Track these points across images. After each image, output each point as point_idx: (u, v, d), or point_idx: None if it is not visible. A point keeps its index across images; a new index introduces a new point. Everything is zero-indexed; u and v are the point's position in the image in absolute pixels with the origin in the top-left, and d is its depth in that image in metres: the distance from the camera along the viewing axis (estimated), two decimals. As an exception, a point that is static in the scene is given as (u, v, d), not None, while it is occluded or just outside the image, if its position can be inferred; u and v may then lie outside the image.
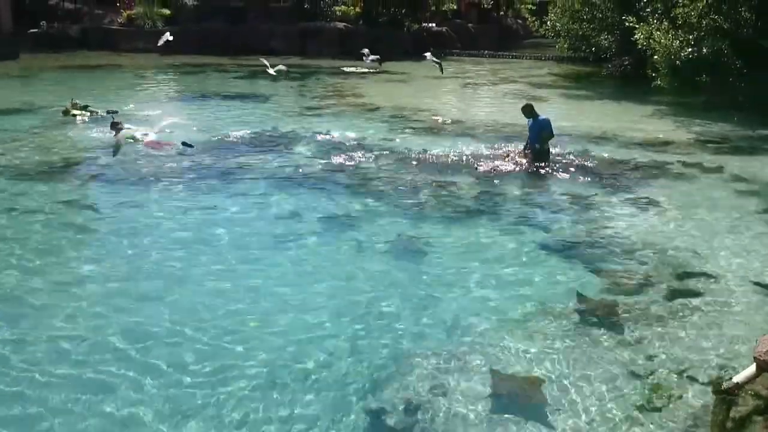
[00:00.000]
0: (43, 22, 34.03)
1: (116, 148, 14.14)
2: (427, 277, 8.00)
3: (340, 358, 6.21)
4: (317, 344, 6.45)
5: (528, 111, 13.23)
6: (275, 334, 6.63)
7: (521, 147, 13.56)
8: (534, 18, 34.88)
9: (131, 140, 14.36)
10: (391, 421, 5.34)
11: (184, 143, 14.05)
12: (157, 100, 21.11)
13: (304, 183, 11.69)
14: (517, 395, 5.63)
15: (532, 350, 6.34)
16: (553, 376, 5.93)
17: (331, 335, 6.63)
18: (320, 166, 12.74)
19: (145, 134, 14.74)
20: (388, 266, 8.28)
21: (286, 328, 6.73)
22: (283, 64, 22.79)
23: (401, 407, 5.48)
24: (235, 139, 14.85)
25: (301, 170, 12.46)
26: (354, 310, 7.13)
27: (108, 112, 16.44)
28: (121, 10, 35.89)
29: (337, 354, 6.29)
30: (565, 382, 5.85)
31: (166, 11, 35.33)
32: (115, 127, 14.67)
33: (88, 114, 16.80)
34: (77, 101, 17.28)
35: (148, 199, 10.71)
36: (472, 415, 5.39)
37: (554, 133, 13.12)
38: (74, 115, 16.62)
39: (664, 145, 15.21)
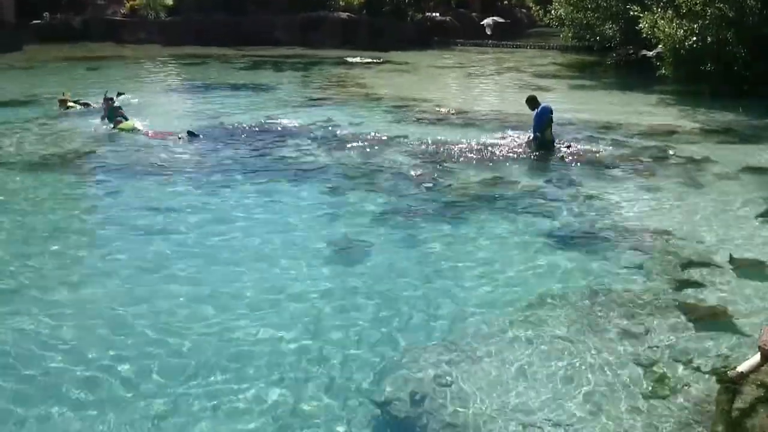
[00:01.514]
0: (46, 13, 33.95)
1: (106, 116, 14.65)
2: (429, 266, 7.99)
3: (346, 349, 6.23)
4: (322, 334, 6.48)
5: (532, 103, 13.33)
6: (276, 324, 6.66)
7: (525, 136, 13.56)
8: (538, 7, 34.65)
9: (131, 131, 14.35)
10: (397, 411, 5.36)
11: (189, 132, 14.08)
12: (160, 91, 21.13)
13: (307, 173, 11.68)
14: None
15: (536, 340, 6.35)
16: (558, 365, 5.94)
17: (337, 326, 6.65)
18: (323, 157, 12.73)
19: (146, 124, 14.75)
20: (391, 256, 8.27)
21: (290, 318, 6.76)
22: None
23: (406, 397, 5.50)
24: (237, 130, 14.84)
25: (304, 161, 12.46)
26: (357, 300, 7.14)
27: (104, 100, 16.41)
28: (124, 1, 35.78)
29: (343, 344, 6.31)
30: (570, 370, 5.86)
31: (169, 1, 35.23)
32: (107, 101, 14.83)
33: (81, 106, 16.77)
34: (69, 94, 17.24)
35: (151, 190, 10.72)
36: (477, 403, 5.41)
37: (559, 122, 13.15)
38: (69, 107, 16.59)
39: (669, 134, 15.15)
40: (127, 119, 14.75)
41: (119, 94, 16.76)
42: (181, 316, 6.77)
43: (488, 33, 22.55)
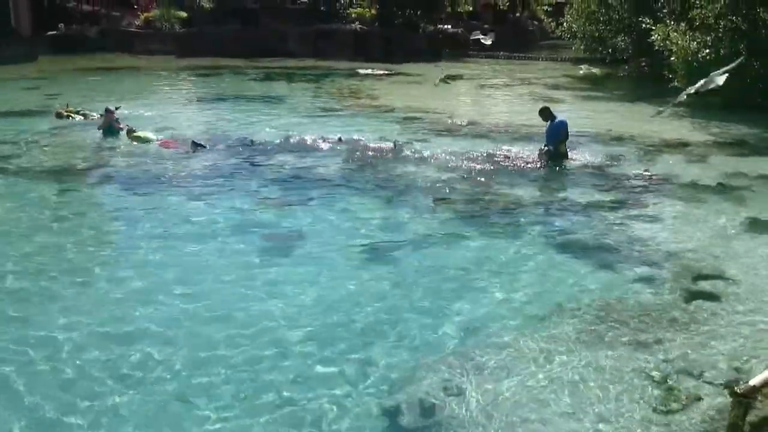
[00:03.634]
0: (62, 24, 34.33)
1: (103, 129, 14.95)
2: (439, 277, 7.98)
3: (354, 360, 6.22)
4: (331, 343, 6.47)
5: (545, 114, 13.29)
6: (281, 331, 6.67)
7: (537, 148, 13.54)
8: (550, 19, 34.72)
9: (145, 141, 14.42)
10: (407, 421, 5.34)
11: (194, 143, 14.16)
12: (173, 102, 21.27)
13: (319, 184, 11.71)
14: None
15: (547, 352, 6.31)
16: (569, 379, 5.90)
17: (346, 336, 6.64)
18: (334, 168, 12.76)
19: (159, 135, 14.83)
20: (400, 267, 8.27)
21: (297, 326, 6.77)
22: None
23: (416, 407, 5.48)
24: (249, 141, 14.88)
25: (315, 171, 12.49)
26: (366, 311, 7.13)
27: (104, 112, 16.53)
28: (139, 13, 36.16)
29: (351, 355, 6.30)
30: (581, 384, 5.82)
31: (183, 14, 35.58)
32: (109, 114, 15.05)
33: (82, 117, 16.89)
34: (71, 108, 17.37)
35: (161, 200, 10.76)
36: (487, 415, 5.38)
37: (571, 134, 13.18)
38: (68, 117, 16.71)
39: (682, 146, 15.10)
40: (126, 130, 14.74)
41: (117, 108, 16.76)
42: (193, 317, 6.80)
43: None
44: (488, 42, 22.43)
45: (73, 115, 16.88)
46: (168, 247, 8.81)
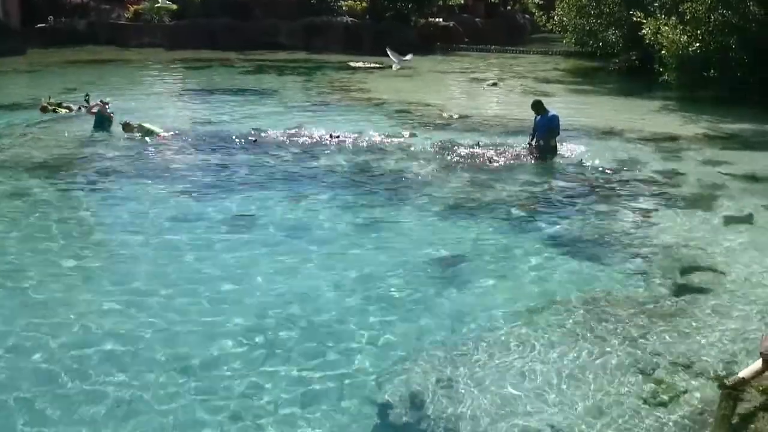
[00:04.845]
0: (51, 17, 34.07)
1: (95, 120, 14.99)
2: (431, 270, 7.99)
3: (345, 352, 6.23)
4: (321, 337, 6.48)
5: (537, 107, 13.31)
6: (270, 325, 6.67)
7: (527, 142, 13.55)
8: (541, 13, 34.67)
9: (146, 134, 14.31)
10: (397, 415, 5.35)
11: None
12: (162, 95, 21.14)
13: (310, 177, 11.69)
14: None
15: (538, 345, 6.34)
16: (559, 371, 5.93)
17: (337, 330, 6.65)
18: (324, 161, 12.73)
19: (160, 129, 14.76)
20: (392, 260, 8.26)
21: (284, 321, 6.76)
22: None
23: (407, 400, 5.49)
24: (238, 134, 14.82)
25: (305, 165, 12.46)
26: (354, 304, 7.14)
27: (83, 107, 16.44)
28: (128, 5, 35.89)
29: (342, 348, 6.30)
30: (571, 376, 5.85)
31: (173, 6, 35.33)
32: (103, 105, 15.15)
33: (65, 110, 16.81)
34: (52, 99, 17.31)
35: (149, 193, 10.71)
36: (478, 407, 5.40)
37: (561, 128, 13.23)
38: (53, 110, 16.64)
39: (672, 140, 15.14)
40: (123, 125, 14.66)
41: (86, 98, 16.66)
42: (181, 309, 6.79)
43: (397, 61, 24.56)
44: (398, 66, 23.39)
45: (57, 108, 16.80)
46: (155, 240, 8.79)
